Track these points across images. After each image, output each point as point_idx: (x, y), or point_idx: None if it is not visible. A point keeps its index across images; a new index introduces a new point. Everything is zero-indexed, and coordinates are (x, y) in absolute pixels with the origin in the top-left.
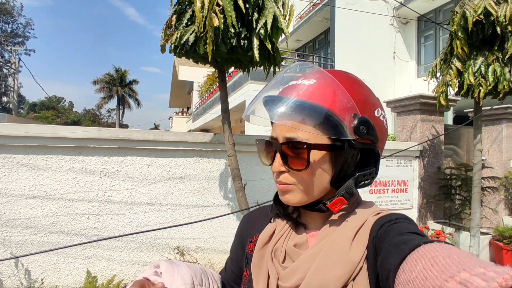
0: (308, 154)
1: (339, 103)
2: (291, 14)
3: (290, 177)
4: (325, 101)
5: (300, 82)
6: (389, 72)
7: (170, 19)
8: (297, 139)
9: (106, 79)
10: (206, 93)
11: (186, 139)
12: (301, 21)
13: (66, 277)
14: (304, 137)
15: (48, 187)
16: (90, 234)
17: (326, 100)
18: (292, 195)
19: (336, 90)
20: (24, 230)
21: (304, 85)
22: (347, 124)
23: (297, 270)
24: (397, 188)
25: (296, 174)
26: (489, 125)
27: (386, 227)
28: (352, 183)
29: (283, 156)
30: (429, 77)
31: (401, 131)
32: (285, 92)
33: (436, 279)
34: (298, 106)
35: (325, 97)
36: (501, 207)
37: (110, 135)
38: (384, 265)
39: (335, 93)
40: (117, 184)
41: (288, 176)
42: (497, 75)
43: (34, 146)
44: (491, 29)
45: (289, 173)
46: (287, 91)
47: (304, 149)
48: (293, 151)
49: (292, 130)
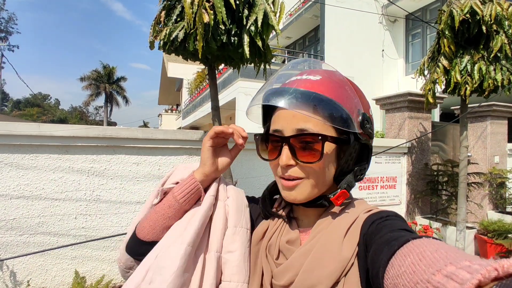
0: (322, 146)
1: (349, 99)
2: (281, 11)
3: (300, 171)
4: (337, 95)
5: (305, 77)
6: (377, 70)
7: (159, 15)
8: (309, 131)
9: (94, 76)
10: (195, 90)
11: (176, 137)
12: (291, 18)
13: (54, 278)
14: (316, 129)
15: (33, 187)
16: (78, 234)
17: (337, 94)
18: (299, 191)
19: (345, 86)
20: (8, 231)
21: (311, 80)
22: (355, 119)
23: (290, 268)
24: (386, 184)
25: (306, 167)
26: (474, 122)
27: (376, 224)
28: (352, 177)
29: (291, 148)
30: (417, 74)
31: (390, 128)
32: (291, 85)
33: (424, 273)
34: (314, 98)
35: (335, 91)
36: (486, 202)
37: (98, 133)
38: (374, 261)
39: (344, 89)
40: (106, 183)
41: (297, 170)
42: (482, 73)
43: (19, 144)
44: (477, 28)
45: (297, 167)
46: (293, 84)
47: (318, 141)
48: (304, 143)
49: (304, 121)
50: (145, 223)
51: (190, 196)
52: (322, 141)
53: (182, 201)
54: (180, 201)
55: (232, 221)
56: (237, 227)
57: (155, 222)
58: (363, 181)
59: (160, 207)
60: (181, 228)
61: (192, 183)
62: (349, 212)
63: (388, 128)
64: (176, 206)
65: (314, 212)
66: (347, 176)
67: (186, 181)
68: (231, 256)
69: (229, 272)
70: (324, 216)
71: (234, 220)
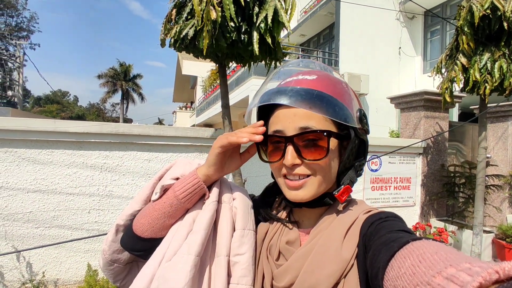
0: (328, 142)
1: (346, 95)
2: (292, 8)
3: (306, 169)
4: (336, 92)
5: (301, 78)
6: (394, 68)
7: (170, 13)
8: (312, 128)
9: (110, 73)
10: (209, 87)
11: (187, 134)
12: (305, 16)
13: (67, 270)
14: (319, 126)
15: (49, 181)
16: (91, 228)
17: (336, 91)
18: (307, 190)
19: (341, 83)
20: (25, 224)
21: (307, 79)
22: (354, 114)
23: (290, 269)
24: (399, 185)
25: (312, 164)
26: (494, 122)
27: (376, 225)
28: (354, 173)
29: (296, 148)
30: (434, 73)
31: (405, 127)
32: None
33: (424, 275)
34: (317, 95)
35: (334, 89)
36: (505, 206)
37: (111, 130)
38: (373, 262)
39: (341, 86)
40: (118, 179)
41: (303, 168)
42: (503, 71)
43: (35, 140)
44: (498, 25)
45: (303, 165)
46: (292, 84)
47: (324, 137)
48: (308, 141)
49: (306, 119)
50: (143, 219)
51: (193, 195)
52: (328, 137)
53: (184, 199)
54: (182, 200)
55: (240, 223)
56: (245, 230)
57: (154, 220)
58: (376, 181)
59: (160, 205)
60: (183, 232)
61: (196, 183)
62: (348, 213)
63: (403, 127)
64: (177, 204)
65: (314, 213)
66: (349, 172)
67: (188, 179)
68: (240, 259)
69: (238, 275)
70: (324, 217)
71: (242, 222)
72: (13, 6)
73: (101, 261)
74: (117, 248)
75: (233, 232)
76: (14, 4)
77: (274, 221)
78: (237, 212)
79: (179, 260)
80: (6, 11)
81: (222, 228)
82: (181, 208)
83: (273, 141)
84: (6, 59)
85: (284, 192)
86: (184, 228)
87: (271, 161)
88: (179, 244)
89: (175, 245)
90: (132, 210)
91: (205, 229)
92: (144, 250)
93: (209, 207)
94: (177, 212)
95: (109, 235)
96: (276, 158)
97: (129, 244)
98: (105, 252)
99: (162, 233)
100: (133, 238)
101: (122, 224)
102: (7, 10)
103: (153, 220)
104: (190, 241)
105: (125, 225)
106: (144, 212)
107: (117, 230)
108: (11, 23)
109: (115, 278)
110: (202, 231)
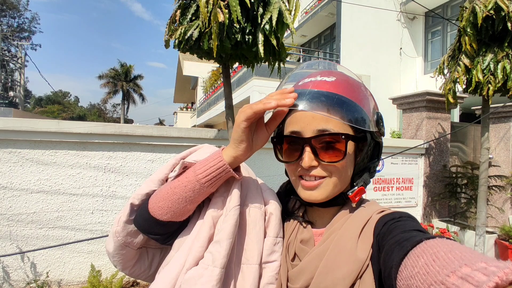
0: (346, 145)
1: (365, 99)
2: (296, 9)
3: (322, 170)
4: (354, 96)
5: (320, 79)
6: (395, 68)
7: (174, 14)
8: (330, 131)
9: (111, 74)
10: (210, 88)
11: (190, 135)
12: (306, 16)
13: (71, 271)
14: (336, 129)
15: (52, 182)
16: (95, 229)
17: (355, 95)
18: (321, 191)
19: (360, 87)
20: (29, 224)
21: (326, 81)
22: (371, 118)
23: (305, 270)
24: (401, 186)
25: (329, 166)
26: (496, 122)
27: (389, 225)
28: (368, 174)
29: (313, 150)
30: (437, 73)
31: (407, 128)
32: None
33: (437, 274)
34: (337, 99)
35: (353, 92)
36: (507, 206)
37: (114, 130)
38: (386, 262)
39: (360, 89)
40: (121, 179)
41: (319, 170)
42: (506, 72)
43: (39, 141)
44: (501, 25)
45: (320, 167)
46: (309, 85)
47: (341, 140)
48: (325, 143)
49: (324, 122)
50: (162, 202)
51: (216, 179)
52: (346, 140)
53: (207, 184)
54: (205, 184)
55: (273, 231)
56: (277, 237)
57: (174, 203)
58: (378, 182)
59: (180, 189)
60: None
61: (221, 166)
62: (362, 213)
63: (405, 128)
64: (200, 189)
65: (327, 213)
66: (363, 173)
67: (212, 161)
68: (268, 266)
69: (265, 282)
70: (338, 217)
71: (275, 230)
72: (15, 7)
73: (111, 245)
74: (131, 229)
75: (264, 239)
76: (16, 5)
77: (290, 219)
78: (271, 219)
79: (203, 272)
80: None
81: (252, 235)
82: (204, 192)
83: (290, 142)
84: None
85: (298, 191)
86: (204, 231)
87: (288, 161)
88: (200, 251)
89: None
90: (148, 189)
91: (229, 238)
92: (162, 234)
93: (231, 212)
94: (200, 196)
95: (122, 215)
96: (292, 159)
97: (145, 227)
98: (117, 234)
99: (183, 217)
100: (150, 221)
101: (137, 204)
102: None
103: (173, 204)
104: (214, 252)
105: (139, 205)
106: (162, 194)
107: (132, 210)
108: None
109: (124, 264)
110: (226, 241)
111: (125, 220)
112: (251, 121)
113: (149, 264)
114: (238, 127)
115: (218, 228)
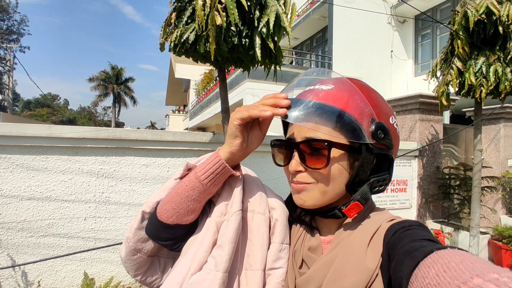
0: (329, 152)
1: (358, 108)
2: (292, 12)
3: (308, 176)
4: (344, 105)
5: (317, 87)
6: (386, 71)
7: (170, 16)
8: (315, 138)
9: (102, 76)
10: (203, 91)
11: (185, 139)
12: (298, 19)
13: (63, 279)
14: (325, 136)
15: (44, 188)
16: (87, 236)
17: (345, 104)
18: (308, 195)
19: (355, 95)
20: (19, 232)
21: (322, 89)
22: (365, 128)
23: (313, 279)
24: (396, 187)
25: (314, 173)
26: (487, 124)
27: (399, 234)
28: (367, 188)
29: (301, 155)
30: (429, 76)
31: (400, 130)
32: (303, 96)
33: (449, 285)
34: (318, 109)
35: (344, 101)
36: (499, 206)
37: (107, 135)
38: (397, 272)
39: (354, 98)
40: (115, 185)
41: (305, 176)
42: (498, 75)
43: (30, 146)
44: (493, 29)
45: (306, 172)
46: (305, 94)
47: (325, 147)
48: (312, 150)
49: (312, 131)
50: (167, 205)
51: (216, 176)
52: (328, 147)
53: (206, 181)
54: (204, 182)
55: (278, 237)
56: (283, 244)
57: (178, 204)
58: None
59: (182, 189)
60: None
61: (217, 161)
62: (371, 221)
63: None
64: (200, 187)
65: (334, 221)
66: (362, 187)
67: (210, 160)
68: (273, 272)
69: None
70: (346, 225)
71: (281, 236)
72: (4, 10)
73: (123, 250)
74: (142, 236)
75: (269, 245)
76: (6, 8)
77: (297, 224)
78: (277, 225)
79: (206, 277)
80: None
81: (255, 240)
82: (206, 191)
83: (286, 147)
84: None
85: (293, 196)
86: (209, 236)
87: (280, 165)
88: (204, 256)
89: (200, 257)
90: (159, 197)
91: (230, 243)
92: (170, 239)
93: (233, 217)
94: (202, 195)
95: (134, 222)
96: (285, 163)
97: (154, 232)
98: (129, 240)
99: (188, 219)
100: (158, 226)
101: (148, 212)
102: None
103: (177, 204)
104: (217, 256)
105: (150, 212)
106: (168, 198)
107: (143, 217)
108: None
109: (136, 271)
110: (228, 246)
111: (136, 227)
112: (244, 122)
113: (161, 272)
114: (232, 124)
115: (220, 233)
